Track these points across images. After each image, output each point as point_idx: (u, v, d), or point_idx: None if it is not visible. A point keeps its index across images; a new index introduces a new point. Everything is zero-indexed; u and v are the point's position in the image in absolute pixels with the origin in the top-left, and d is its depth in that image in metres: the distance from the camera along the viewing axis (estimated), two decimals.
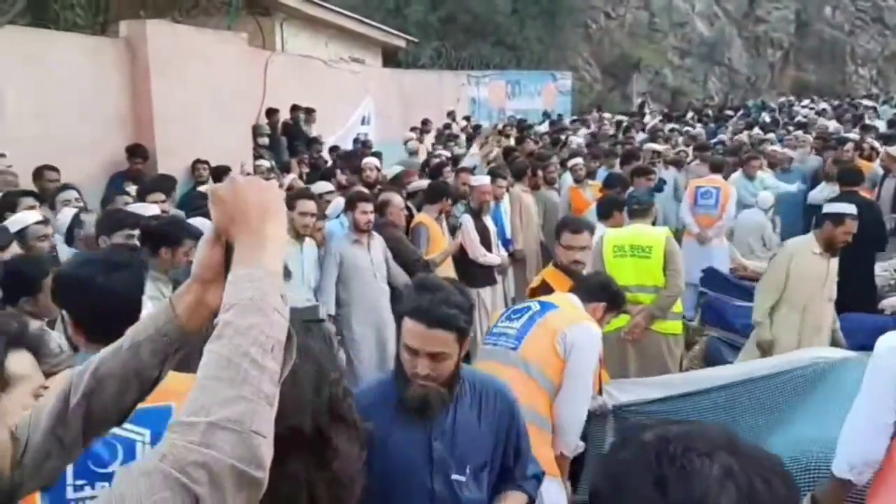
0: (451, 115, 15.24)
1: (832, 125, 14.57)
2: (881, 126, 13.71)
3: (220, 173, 7.09)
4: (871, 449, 2.24)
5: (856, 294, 6.12)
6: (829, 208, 5.08)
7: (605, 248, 4.84)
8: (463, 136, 13.60)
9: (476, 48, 19.35)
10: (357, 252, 5.40)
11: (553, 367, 2.98)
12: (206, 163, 7.56)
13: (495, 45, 19.93)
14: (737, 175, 8.68)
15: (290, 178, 8.08)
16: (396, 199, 6.05)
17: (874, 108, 18.89)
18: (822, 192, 8.39)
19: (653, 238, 4.82)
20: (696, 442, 0.85)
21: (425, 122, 13.53)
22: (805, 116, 17.07)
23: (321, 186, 6.78)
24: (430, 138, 12.84)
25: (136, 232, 3.81)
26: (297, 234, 5.05)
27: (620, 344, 4.73)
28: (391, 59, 17.13)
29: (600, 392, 3.78)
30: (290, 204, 5.10)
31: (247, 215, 1.10)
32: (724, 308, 6.59)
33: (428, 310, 2.06)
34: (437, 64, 18.24)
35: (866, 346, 5.43)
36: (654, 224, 5.27)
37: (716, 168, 8.37)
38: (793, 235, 8.71)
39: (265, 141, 9.68)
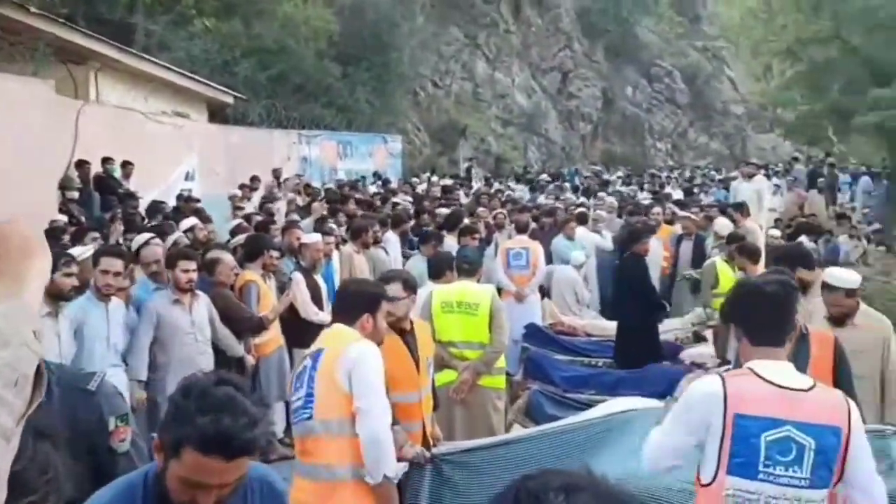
0: (276, 172, 15.03)
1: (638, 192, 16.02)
2: (677, 194, 15.24)
3: None
4: (656, 456, 2.46)
5: (641, 351, 6.72)
6: None
7: (434, 303, 4.93)
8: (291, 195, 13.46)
9: (307, 108, 19.38)
10: (177, 313, 5.14)
11: (346, 407, 2.97)
12: None
13: (326, 106, 20.08)
14: (559, 237, 9.24)
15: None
16: (226, 258, 5.85)
17: (671, 178, 20.96)
18: None
19: (479, 295, 4.97)
20: (557, 481, 0.88)
21: (253, 179, 13.28)
22: (613, 185, 18.60)
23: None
24: (258, 195, 12.57)
25: None
26: (101, 294, 4.72)
27: (447, 400, 4.79)
28: (219, 115, 16.74)
29: (427, 446, 3.80)
30: (95, 261, 4.79)
31: (8, 253, 1.13)
32: (544, 362, 6.92)
33: (226, 439, 1.62)
34: (266, 122, 18.04)
35: (667, 394, 5.92)
36: (478, 282, 5.46)
37: (521, 229, 8.87)
38: (606, 291, 9.47)
39: (75, 195, 9.02)
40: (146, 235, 5.96)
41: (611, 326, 7.75)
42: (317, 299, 6.46)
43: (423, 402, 3.90)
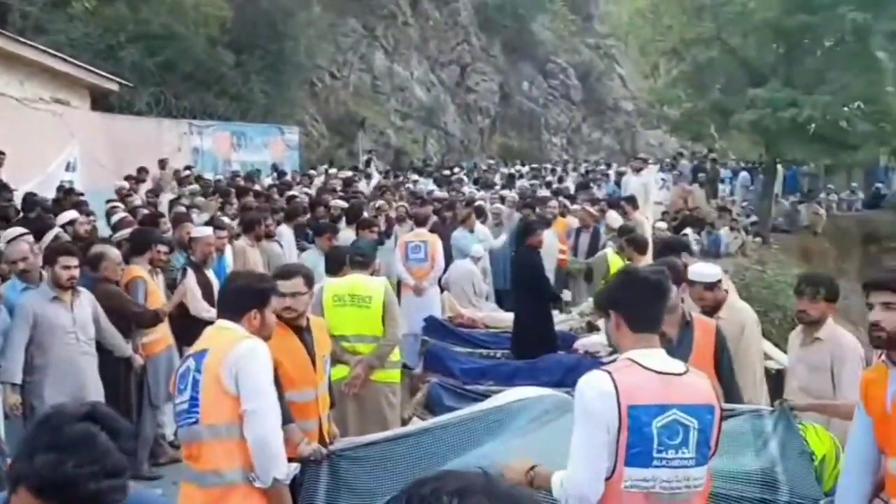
0: (162, 163, 14.42)
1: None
2: (571, 188, 15.68)
3: None
4: (588, 493, 2.41)
5: (537, 341, 6.89)
6: None
7: (326, 296, 4.87)
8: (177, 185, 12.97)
9: (199, 97, 18.67)
10: (56, 311, 4.86)
11: (233, 410, 2.89)
12: None
13: (219, 95, 19.39)
14: (459, 230, 9.31)
15: None
16: (112, 253, 5.57)
17: (567, 172, 21.53)
18: None
19: (372, 288, 4.93)
20: (451, 484, 0.87)
21: (140, 171, 12.70)
22: (510, 177, 18.92)
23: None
24: (145, 187, 12.04)
25: None
26: None
27: (340, 395, 4.74)
28: (102, 102, 15.88)
29: (324, 444, 3.75)
30: None
31: None
32: (444, 355, 6.98)
33: (63, 487, 1.37)
34: (155, 111, 17.27)
35: (562, 382, 6.09)
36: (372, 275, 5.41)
37: (420, 222, 8.91)
38: (503, 283, 9.64)
39: None
40: (17, 230, 5.59)
41: (508, 318, 7.89)
42: (208, 296, 6.24)
43: (320, 400, 3.84)
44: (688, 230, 12.68)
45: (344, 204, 9.83)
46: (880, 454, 2.74)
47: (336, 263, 5.33)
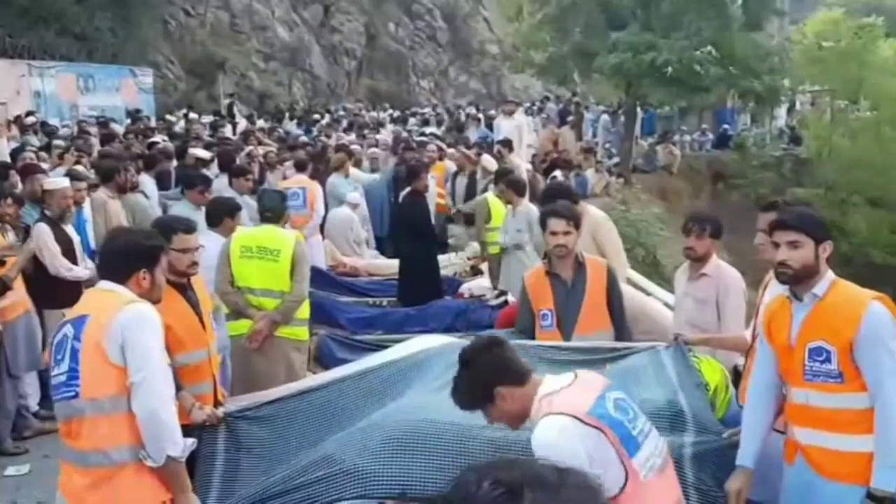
0: None
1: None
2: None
3: None
4: None
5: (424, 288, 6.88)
6: None
7: (233, 246, 4.60)
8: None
9: (37, 35, 16.91)
10: None
11: (119, 383, 2.62)
12: None
13: (60, 33, 17.65)
14: (333, 176, 9.01)
15: None
16: None
17: (436, 115, 21.42)
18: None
19: (282, 241, 4.67)
20: (515, 474, 0.75)
21: None
22: (382, 122, 18.63)
23: None
24: None
25: None
26: None
27: (242, 350, 4.56)
28: None
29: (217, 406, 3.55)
30: None
31: None
32: (329, 306, 6.82)
33: None
34: None
35: (452, 328, 6.12)
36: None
37: (300, 167, 8.59)
38: (380, 230, 9.52)
39: None
40: None
41: (392, 265, 7.82)
42: (69, 253, 5.75)
43: (212, 360, 3.62)
44: (557, 172, 12.99)
45: (205, 153, 9.26)
46: (782, 384, 2.91)
47: (218, 216, 5.00)
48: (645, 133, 22.59)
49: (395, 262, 7.61)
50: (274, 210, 4.91)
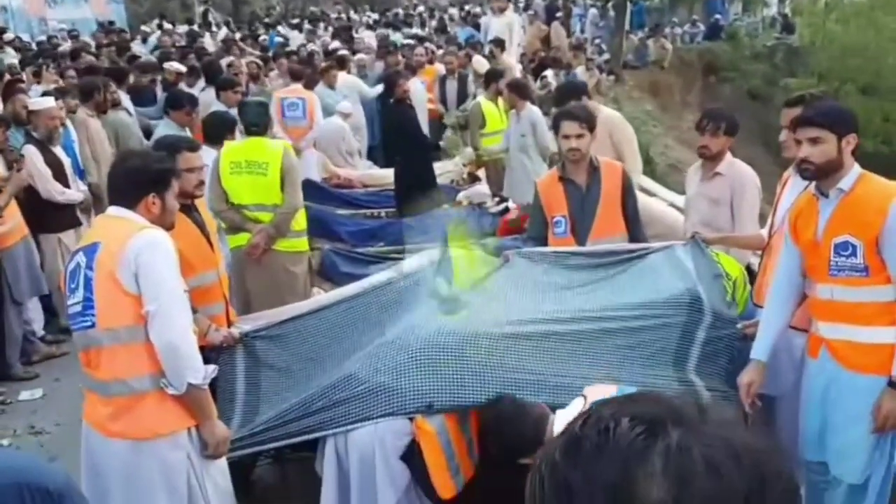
0: None
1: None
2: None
3: None
4: None
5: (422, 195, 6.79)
6: None
7: (223, 163, 4.48)
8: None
9: None
10: None
11: (135, 312, 2.56)
12: None
13: None
14: (319, 86, 8.72)
15: None
16: None
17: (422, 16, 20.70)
18: None
19: (270, 153, 4.53)
20: (644, 409, 0.69)
21: None
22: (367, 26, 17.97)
23: None
24: None
25: None
26: None
27: (240, 264, 4.53)
28: None
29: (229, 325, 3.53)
30: None
31: None
32: (328, 219, 6.73)
33: None
34: None
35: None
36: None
37: (296, 77, 8.30)
38: (372, 138, 9.30)
39: None
40: None
41: (387, 175, 7.67)
42: (60, 175, 5.60)
43: (222, 280, 3.57)
44: (547, 72, 12.65)
45: (180, 67, 8.91)
46: (804, 281, 2.89)
47: (219, 133, 4.85)
48: (634, 27, 21.98)
49: (390, 172, 7.46)
50: (259, 123, 4.73)
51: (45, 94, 6.21)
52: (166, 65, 9.15)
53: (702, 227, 3.80)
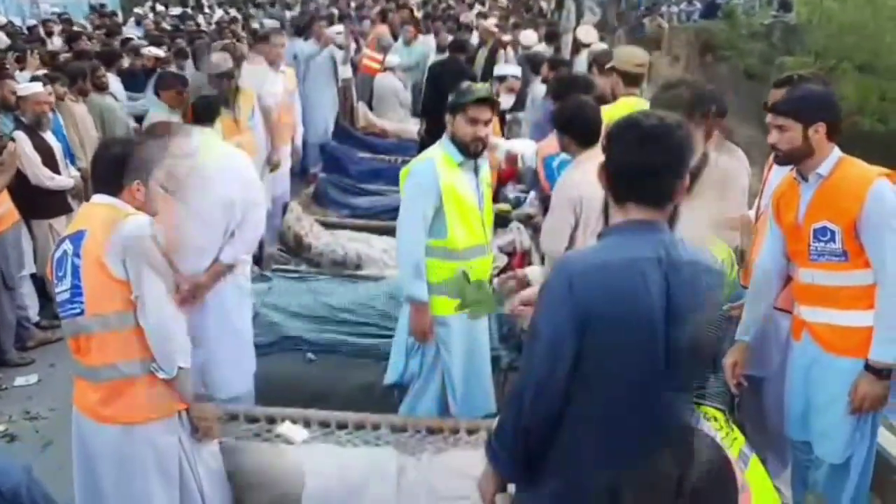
0: None
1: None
2: None
3: None
4: None
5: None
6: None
7: None
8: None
9: None
10: None
11: (124, 297, 2.59)
12: None
13: None
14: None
15: None
16: None
17: None
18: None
19: None
20: None
21: None
22: None
23: None
24: None
25: None
26: None
27: None
28: None
29: None
30: None
31: None
32: (342, 156, 7.41)
33: None
34: None
35: None
36: None
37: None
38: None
39: None
40: None
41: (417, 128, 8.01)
42: (50, 161, 5.58)
43: None
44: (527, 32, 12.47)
45: (158, 52, 8.81)
46: (788, 264, 2.91)
47: (212, 112, 4.81)
48: (632, 5, 21.87)
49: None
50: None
51: (33, 79, 6.17)
52: (143, 50, 9.03)
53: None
